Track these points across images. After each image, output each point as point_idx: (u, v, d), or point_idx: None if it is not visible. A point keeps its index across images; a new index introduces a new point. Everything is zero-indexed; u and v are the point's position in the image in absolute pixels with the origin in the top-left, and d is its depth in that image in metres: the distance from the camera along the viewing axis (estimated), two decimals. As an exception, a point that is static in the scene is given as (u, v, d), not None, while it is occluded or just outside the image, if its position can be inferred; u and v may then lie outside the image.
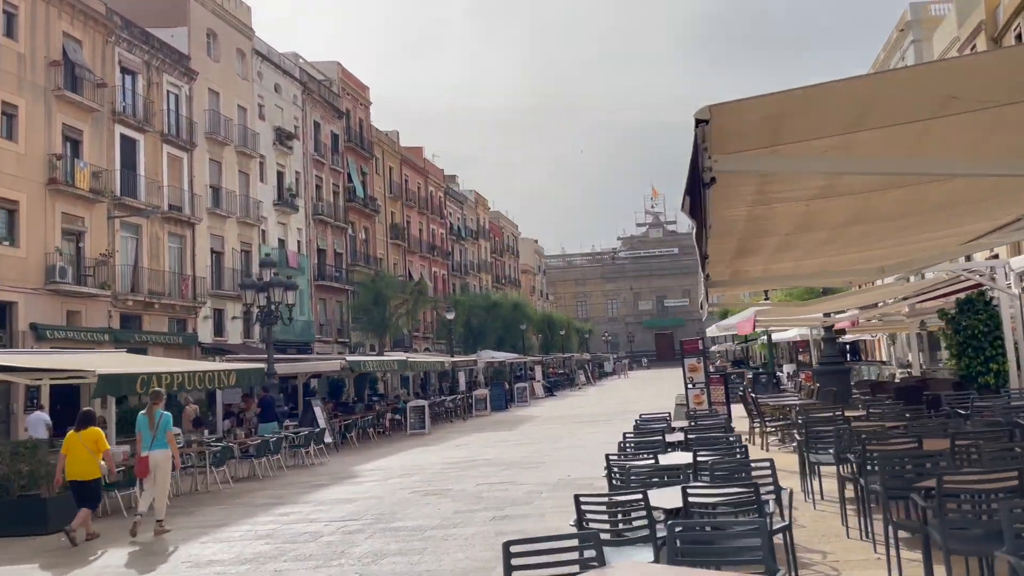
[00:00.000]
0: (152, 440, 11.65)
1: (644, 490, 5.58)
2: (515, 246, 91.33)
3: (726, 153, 3.45)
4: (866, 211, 5.47)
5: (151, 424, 11.76)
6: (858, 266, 7.93)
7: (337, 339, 47.72)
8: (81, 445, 11.18)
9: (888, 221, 5.88)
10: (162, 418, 11.81)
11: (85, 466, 11.16)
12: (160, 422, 11.77)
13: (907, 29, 48.35)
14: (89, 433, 11.28)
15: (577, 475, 13.93)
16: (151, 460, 11.51)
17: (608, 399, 39.62)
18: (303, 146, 46.32)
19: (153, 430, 11.71)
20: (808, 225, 5.47)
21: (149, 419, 11.80)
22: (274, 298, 22.78)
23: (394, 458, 19.58)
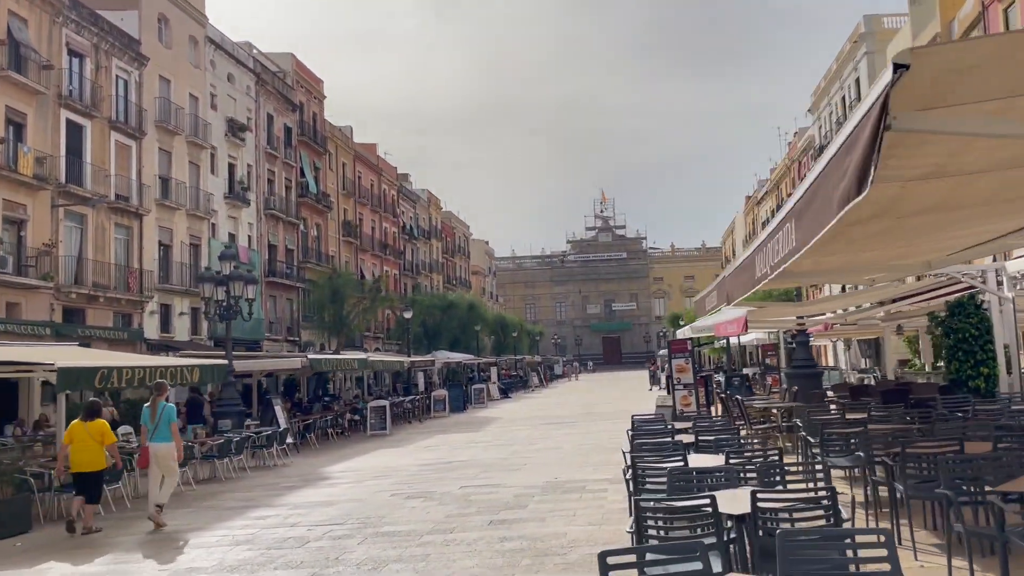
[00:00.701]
0: (155, 431, 11.58)
1: (712, 494, 5.12)
2: (467, 247, 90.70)
3: (909, 110, 3.03)
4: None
5: (153, 416, 11.68)
6: (908, 259, 7.60)
7: (287, 337, 46.51)
8: (88, 436, 11.12)
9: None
10: (164, 410, 11.74)
11: (92, 456, 11.12)
12: (162, 414, 11.68)
13: (860, 41, 49.22)
14: (96, 424, 11.26)
15: (565, 478, 13.47)
16: (151, 451, 11.48)
17: (566, 401, 39.31)
18: (256, 138, 45.06)
19: (155, 422, 11.61)
20: (941, 205, 5.03)
21: (152, 411, 11.75)
22: (234, 292, 21.86)
23: (361, 459, 18.87)
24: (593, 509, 10.48)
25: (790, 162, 70.00)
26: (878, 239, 6.39)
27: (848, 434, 9.18)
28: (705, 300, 11.41)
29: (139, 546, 10.18)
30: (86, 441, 11.14)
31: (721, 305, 9.31)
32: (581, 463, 15.30)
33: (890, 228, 5.86)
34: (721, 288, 8.95)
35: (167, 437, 11.65)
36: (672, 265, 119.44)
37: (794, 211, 4.55)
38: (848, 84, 52.09)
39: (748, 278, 6.41)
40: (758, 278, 5.94)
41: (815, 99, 60.95)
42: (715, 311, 11.38)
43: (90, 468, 11.13)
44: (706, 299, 11.33)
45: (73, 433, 11.27)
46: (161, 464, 11.58)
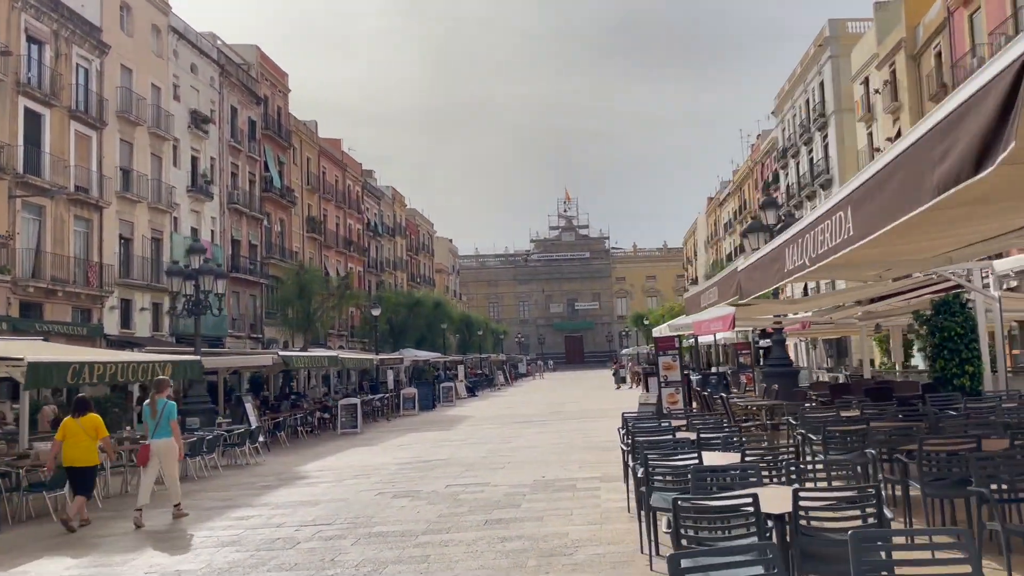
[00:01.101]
0: (156, 428, 11.51)
1: (754, 492, 4.94)
2: (431, 245, 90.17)
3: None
4: None
5: (153, 413, 11.63)
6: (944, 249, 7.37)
7: (250, 335, 45.70)
8: (81, 431, 11.12)
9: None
10: (165, 407, 11.67)
11: (85, 452, 11.14)
12: (163, 411, 11.63)
13: (825, 45, 49.81)
14: (88, 419, 11.24)
15: (552, 476, 13.26)
16: (153, 448, 11.41)
17: (533, 400, 39.15)
18: (219, 131, 44.18)
19: (156, 419, 11.56)
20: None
21: (152, 408, 11.68)
22: (204, 286, 21.29)
23: (336, 458, 18.47)
24: (589, 508, 10.29)
25: (753, 164, 70.75)
26: (941, 227, 6.06)
27: (852, 432, 9.10)
28: (700, 297, 11.28)
29: (119, 546, 9.74)
30: (79, 436, 11.12)
31: (725, 301, 9.17)
32: (563, 462, 15.11)
33: (968, 214, 5.58)
34: (727, 284, 8.81)
35: (168, 433, 11.60)
36: (634, 265, 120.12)
37: (852, 198, 4.38)
38: (812, 87, 52.71)
39: (774, 271, 6.25)
40: (790, 270, 5.78)
41: (779, 102, 61.62)
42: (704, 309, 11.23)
43: (83, 463, 11.16)
44: (701, 296, 11.21)
45: (66, 429, 11.24)
46: (163, 461, 11.53)
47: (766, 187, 64.65)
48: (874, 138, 42.75)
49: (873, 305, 14.56)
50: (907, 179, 3.60)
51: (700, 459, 7.12)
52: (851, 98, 46.84)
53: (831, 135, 49.32)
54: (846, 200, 4.48)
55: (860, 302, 15.54)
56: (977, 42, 31.21)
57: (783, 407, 13.94)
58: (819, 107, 51.12)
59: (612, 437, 19.13)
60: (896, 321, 18.28)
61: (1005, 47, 2.88)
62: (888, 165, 3.89)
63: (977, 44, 31.11)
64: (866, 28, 47.10)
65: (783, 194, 59.18)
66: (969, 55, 31.64)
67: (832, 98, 49.05)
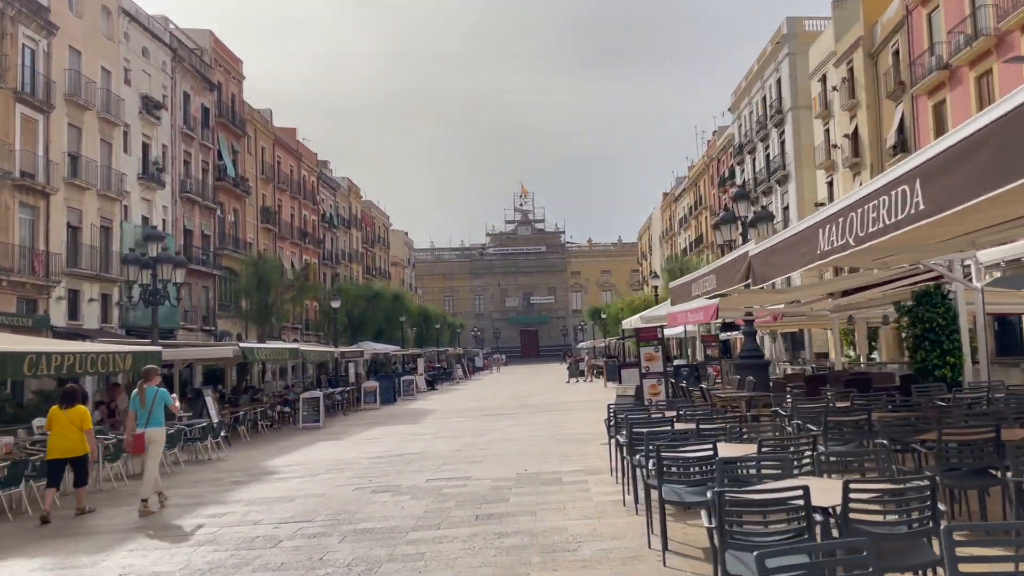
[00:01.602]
0: (148, 417, 11.43)
1: (805, 484, 4.67)
2: (386, 237, 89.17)
3: None
4: None
5: (142, 402, 11.48)
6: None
7: (203, 327, 44.56)
8: (68, 422, 11.17)
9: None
10: (156, 395, 11.58)
11: (74, 443, 11.17)
12: (156, 399, 11.54)
13: (783, 42, 50.28)
14: (76, 411, 11.30)
15: (534, 470, 12.94)
16: (147, 437, 11.33)
17: (496, 393, 38.83)
18: (171, 117, 42.91)
19: (146, 407, 11.45)
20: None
21: (140, 397, 11.53)
22: (162, 276, 20.50)
23: (303, 452, 17.91)
24: (581, 502, 9.99)
25: (709, 160, 71.33)
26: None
27: (852, 422, 8.95)
28: (692, 285, 11.06)
29: (86, 546, 9.16)
30: (67, 428, 11.15)
31: (727, 288, 8.93)
32: (543, 455, 14.81)
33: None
34: (730, 270, 8.54)
35: (160, 423, 11.62)
36: (589, 260, 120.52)
37: (920, 172, 4.12)
38: (769, 84, 53.22)
39: (800, 254, 6.00)
40: (825, 252, 5.52)
41: (735, 99, 62.14)
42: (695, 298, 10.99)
43: (72, 454, 11.20)
44: (693, 284, 10.98)
45: (53, 420, 11.28)
46: (153, 448, 11.43)
47: (722, 183, 65.28)
48: (831, 134, 43.30)
49: (856, 296, 14.53)
50: (1006, 148, 3.34)
51: (715, 450, 6.85)
52: (808, 95, 47.38)
53: (788, 131, 49.84)
54: (911, 174, 4.22)
55: (841, 293, 15.54)
56: (935, 40, 31.71)
57: (769, 399, 13.81)
58: (776, 104, 51.63)
59: (587, 430, 18.94)
60: (866, 313, 18.37)
61: None
62: (975, 135, 3.64)
63: (935, 43, 31.61)
64: (823, 26, 47.66)
65: (739, 189, 59.78)
66: (927, 53, 32.15)
67: (789, 95, 49.56)
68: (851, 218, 5.03)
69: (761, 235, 19.94)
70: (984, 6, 27.70)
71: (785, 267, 6.50)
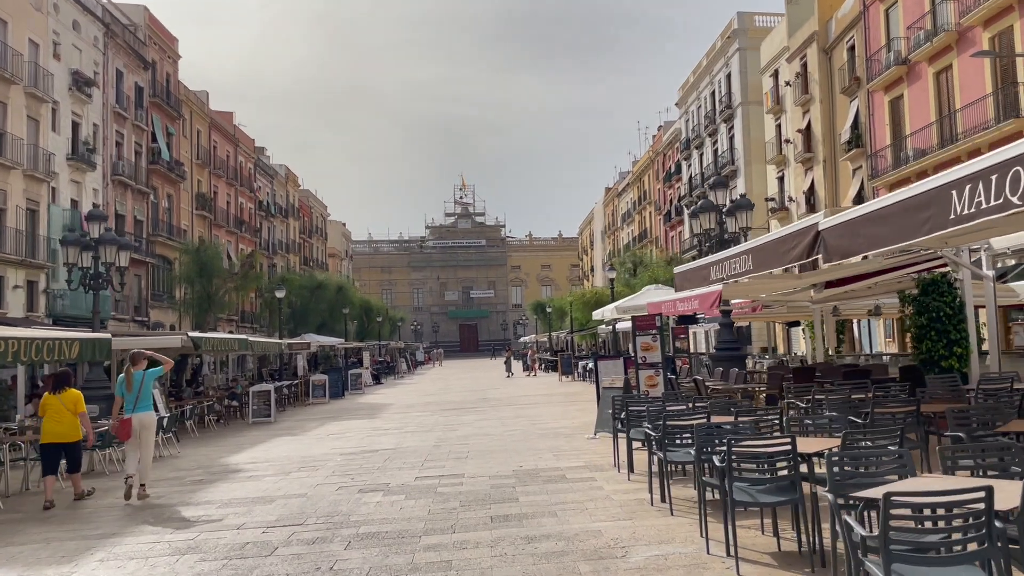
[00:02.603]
0: (136, 401, 11.16)
1: (988, 485, 3.93)
2: (324, 228, 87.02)
3: None
4: None
5: (129, 386, 11.20)
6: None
7: (135, 317, 42.39)
8: (61, 407, 10.98)
9: None
10: (144, 378, 11.34)
11: (68, 428, 11.00)
12: (144, 382, 11.28)
13: (733, 37, 50.41)
14: (69, 395, 11.11)
15: (530, 466, 12.07)
16: (135, 422, 11.05)
17: (449, 387, 37.82)
18: (103, 96, 40.59)
19: (133, 392, 11.17)
20: None
21: (127, 381, 11.26)
22: (105, 258, 18.97)
23: (264, 449, 16.68)
24: (600, 501, 9.18)
25: (654, 155, 71.46)
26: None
27: (896, 413, 8.34)
28: (710, 268, 10.34)
29: (48, 556, 7.94)
30: (60, 412, 10.95)
31: (773, 269, 8.20)
32: (530, 450, 13.96)
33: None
34: (782, 248, 7.79)
35: (149, 407, 11.35)
36: (530, 254, 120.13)
37: None
38: (718, 79, 53.35)
39: (924, 219, 5.26)
40: (959, 218, 4.79)
41: (682, 94, 62.26)
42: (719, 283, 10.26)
43: (65, 439, 11.00)
44: (712, 267, 10.27)
45: (45, 405, 11.10)
46: (144, 433, 11.18)
47: (668, 178, 65.40)
48: (783, 129, 43.51)
49: (851, 285, 14.05)
50: None
51: (794, 444, 6.09)
52: (759, 90, 47.59)
53: (737, 126, 50.01)
54: None
55: (824, 284, 15.05)
56: (893, 36, 31.92)
57: (777, 392, 13.24)
58: (725, 99, 51.77)
59: (563, 423, 18.19)
60: (853, 303, 18.03)
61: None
62: None
63: (893, 38, 31.82)
64: (774, 22, 47.95)
65: (685, 184, 59.93)
66: (885, 49, 32.36)
67: (739, 90, 49.73)
68: (1003, 177, 4.30)
69: (739, 222, 19.45)
70: (944, 2, 27.88)
71: (885, 239, 5.78)
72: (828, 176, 38.15)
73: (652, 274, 37.44)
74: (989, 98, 25.76)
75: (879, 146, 32.87)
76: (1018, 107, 24.35)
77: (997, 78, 25.78)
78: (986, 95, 25.91)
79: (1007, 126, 24.43)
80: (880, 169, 32.50)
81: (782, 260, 7.71)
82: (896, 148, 31.49)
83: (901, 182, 31.06)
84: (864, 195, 34.66)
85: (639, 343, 13.96)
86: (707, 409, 9.04)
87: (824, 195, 38.20)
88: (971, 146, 26.31)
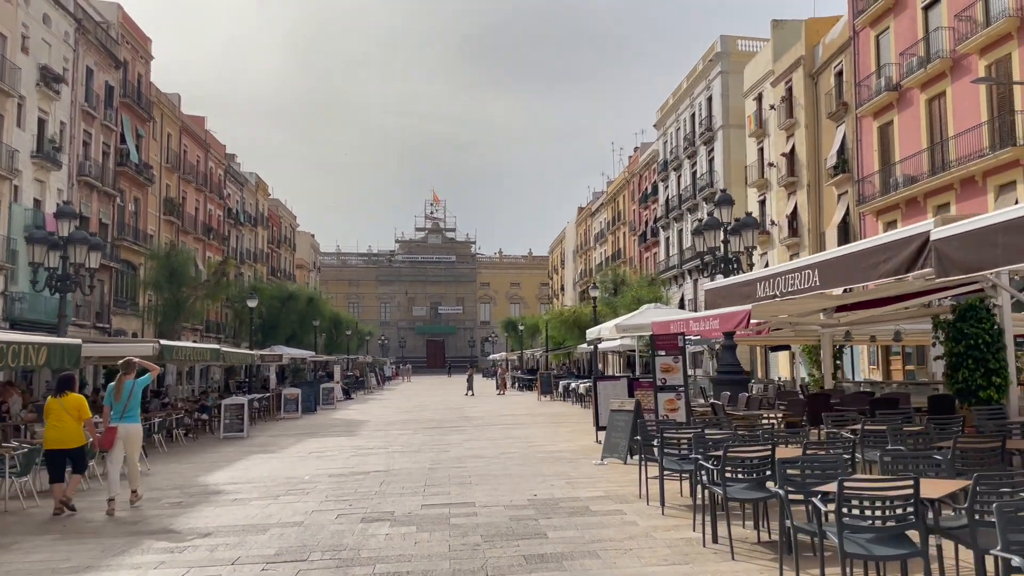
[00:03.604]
0: (124, 410, 10.85)
1: None
2: (293, 238, 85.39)
3: None
4: None
5: (119, 395, 10.88)
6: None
7: (96, 324, 40.66)
8: (64, 411, 10.64)
9: None
10: (133, 387, 11.03)
11: (71, 433, 10.65)
12: (133, 392, 10.97)
13: (716, 60, 50.33)
14: (71, 399, 10.78)
15: (545, 495, 11.14)
16: (120, 431, 10.82)
17: (425, 404, 36.68)
18: (72, 93, 39.10)
19: (121, 401, 10.84)
20: None
21: (117, 390, 10.94)
22: (75, 259, 17.74)
23: (243, 468, 15.51)
24: (640, 539, 8.28)
25: (630, 176, 71.21)
26: None
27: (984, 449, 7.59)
28: (756, 284, 9.56)
29: None
30: (63, 418, 10.59)
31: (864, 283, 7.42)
32: (536, 475, 13.04)
33: None
34: (859, 263, 7.02)
35: (136, 418, 11.09)
36: (499, 272, 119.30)
37: None
38: (699, 102, 53.22)
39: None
40: None
41: (661, 115, 62.12)
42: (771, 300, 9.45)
43: (69, 445, 10.66)
44: (760, 283, 9.48)
45: (48, 410, 10.79)
46: (128, 446, 10.98)
47: (644, 199, 65.13)
48: (765, 153, 43.33)
49: (872, 310, 13.40)
50: None
51: (917, 487, 5.26)
52: (740, 113, 47.46)
53: (718, 148, 49.82)
54: None
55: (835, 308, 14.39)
56: (883, 62, 31.79)
57: (799, 420, 12.48)
58: (706, 121, 51.60)
59: (560, 446, 17.28)
60: (870, 328, 17.42)
61: None
62: None
63: (884, 64, 31.69)
64: (757, 47, 47.95)
65: (662, 206, 59.64)
66: (875, 75, 32.22)
67: (720, 113, 49.57)
68: None
69: (745, 240, 18.80)
70: (941, 28, 27.75)
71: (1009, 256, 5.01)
72: (812, 201, 37.93)
73: (635, 293, 36.79)
74: (984, 126, 25.57)
75: (867, 172, 32.66)
76: (1015, 135, 24.15)
77: (993, 106, 25.62)
78: (981, 123, 25.72)
79: (1004, 154, 24.22)
80: (867, 195, 32.27)
81: (867, 275, 6.93)
82: (885, 174, 31.27)
83: (890, 208, 30.87)
84: (849, 220, 34.46)
85: (659, 363, 13.12)
86: (766, 439, 8.20)
87: (808, 219, 37.96)
88: (965, 173, 26.11)
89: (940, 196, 27.98)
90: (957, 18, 26.70)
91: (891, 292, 12.23)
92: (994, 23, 24.94)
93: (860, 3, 33.41)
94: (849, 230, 34.45)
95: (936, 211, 28.42)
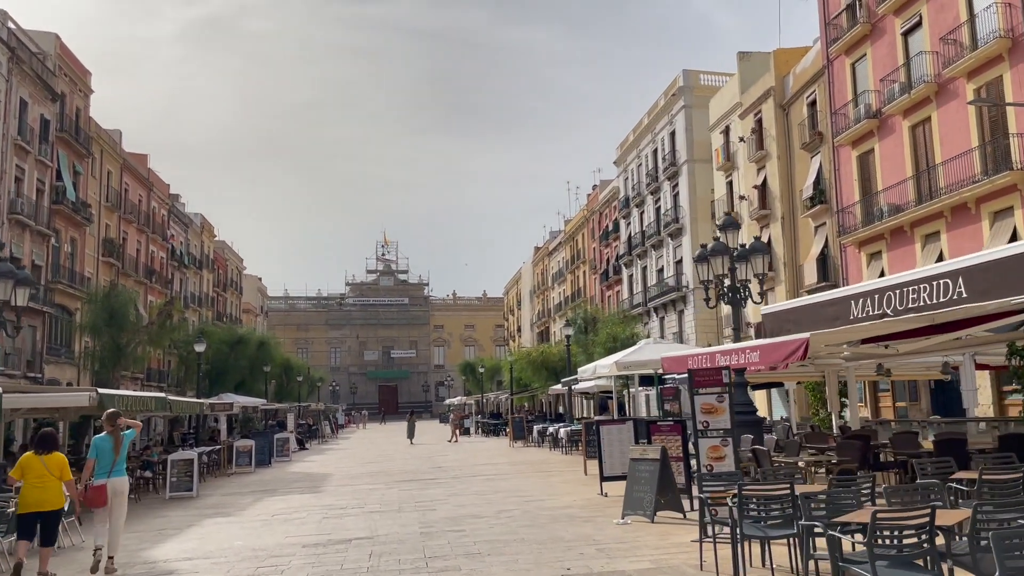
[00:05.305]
0: (112, 465, 10.19)
1: None
2: (239, 282, 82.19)
3: None
4: None
5: (117, 447, 10.24)
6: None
7: (27, 373, 37.44)
8: (45, 471, 9.76)
9: None
10: (124, 441, 10.42)
11: (54, 494, 9.77)
12: (123, 445, 10.38)
13: (679, 95, 49.68)
14: (54, 458, 9.91)
15: (580, 571, 9.13)
16: (110, 488, 10.07)
17: (388, 454, 34.19)
18: (4, 126, 36.36)
19: (121, 455, 10.30)
20: None
21: (115, 443, 10.25)
22: (2, 295, 15.34)
23: (197, 538, 13.13)
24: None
25: (589, 213, 70.18)
26: None
27: None
28: (851, 302, 7.82)
29: None
30: (44, 477, 9.69)
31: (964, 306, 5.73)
32: (553, 540, 11.02)
33: None
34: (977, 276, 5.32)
35: (124, 471, 10.46)
36: (453, 314, 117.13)
37: None
38: (661, 137, 52.46)
39: None
40: None
41: (621, 152, 61.34)
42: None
43: (48, 507, 9.75)
44: (853, 301, 7.75)
45: (28, 466, 9.76)
46: (115, 503, 10.16)
47: (605, 236, 64.01)
48: (735, 186, 42.44)
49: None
50: None
51: None
52: (706, 147, 46.70)
53: (682, 184, 48.92)
54: None
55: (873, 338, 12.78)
56: (861, 89, 31.07)
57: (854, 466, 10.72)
58: (669, 156, 50.77)
59: (561, 501, 15.26)
60: (907, 361, 15.88)
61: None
62: None
63: (861, 92, 30.95)
64: (721, 81, 47.44)
65: (624, 243, 58.51)
66: (852, 103, 31.46)
67: (684, 147, 48.79)
68: None
69: (755, 267, 17.28)
70: (923, 53, 27.02)
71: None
72: (787, 233, 36.93)
73: (610, 331, 35.11)
74: (976, 151, 24.71)
75: (847, 202, 31.71)
76: (1010, 159, 23.27)
77: (983, 130, 24.80)
78: (972, 148, 24.87)
79: (1001, 179, 23.29)
80: (848, 226, 31.27)
81: (983, 294, 5.23)
82: (867, 204, 30.32)
83: (874, 239, 29.85)
84: (828, 252, 33.45)
85: (699, 404, 11.26)
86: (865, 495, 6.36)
87: (783, 253, 36.91)
88: (957, 200, 25.16)
89: (929, 224, 27.02)
90: (942, 41, 25.98)
91: (950, 317, 10.66)
92: (982, 45, 24.22)
93: (833, 32, 32.79)
94: (828, 263, 33.42)
95: (925, 240, 27.47)
